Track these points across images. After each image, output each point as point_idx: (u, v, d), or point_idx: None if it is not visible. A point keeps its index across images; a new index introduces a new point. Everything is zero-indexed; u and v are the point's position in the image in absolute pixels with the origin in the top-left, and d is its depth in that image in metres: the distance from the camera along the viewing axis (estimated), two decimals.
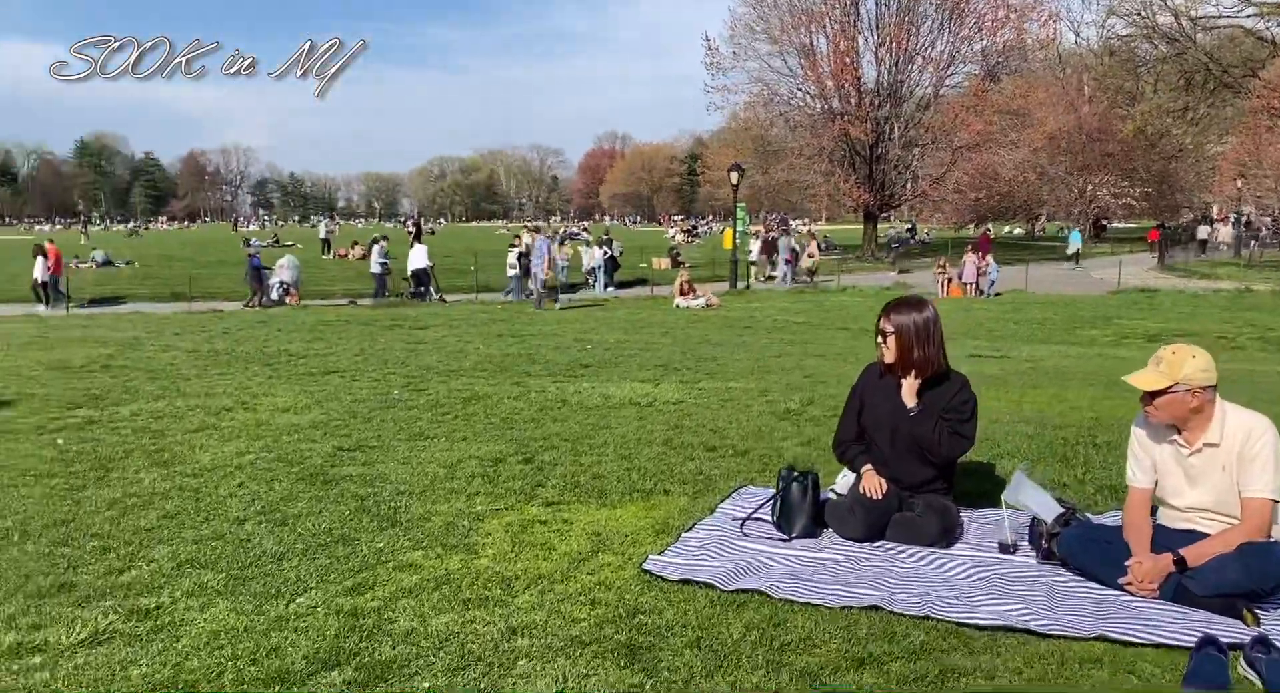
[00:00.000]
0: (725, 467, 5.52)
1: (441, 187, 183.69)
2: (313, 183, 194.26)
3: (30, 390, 8.21)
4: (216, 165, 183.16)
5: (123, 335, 13.47)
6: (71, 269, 34.90)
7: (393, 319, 17.57)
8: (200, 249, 48.63)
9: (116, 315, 20.25)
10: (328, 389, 8.33)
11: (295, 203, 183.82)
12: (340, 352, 11.44)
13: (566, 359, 10.82)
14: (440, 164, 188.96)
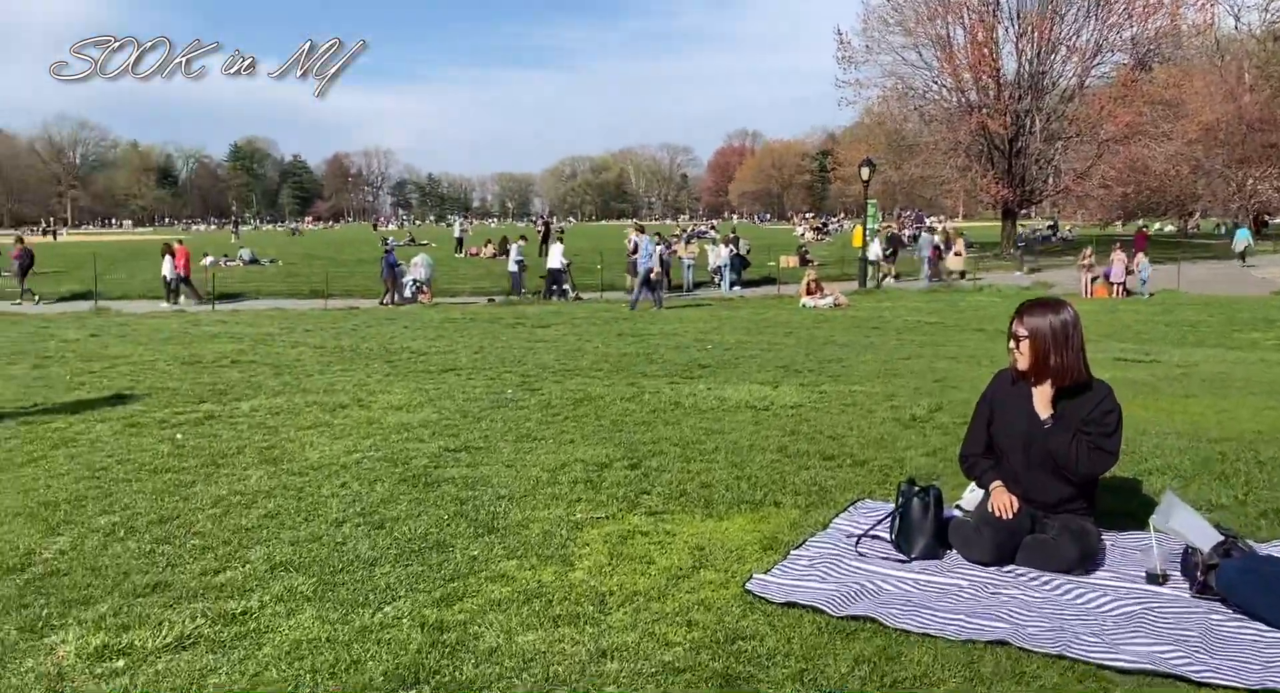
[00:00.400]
0: (842, 478, 5.18)
1: (572, 186, 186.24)
2: (449, 183, 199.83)
3: (162, 385, 8.47)
4: (359, 167, 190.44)
5: (257, 331, 13.90)
6: (220, 266, 36.78)
7: (516, 317, 17.69)
8: (341, 248, 50.41)
9: (255, 311, 21.03)
10: (443, 388, 8.32)
11: (432, 203, 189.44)
12: (461, 350, 11.49)
13: (685, 360, 10.59)
14: (571, 164, 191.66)
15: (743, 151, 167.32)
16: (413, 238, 59.77)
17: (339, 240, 65.81)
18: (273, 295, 27.00)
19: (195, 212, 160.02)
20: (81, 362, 10.04)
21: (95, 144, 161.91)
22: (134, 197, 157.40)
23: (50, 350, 11.04)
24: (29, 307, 22.98)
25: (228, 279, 30.72)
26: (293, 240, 68.87)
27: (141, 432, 6.37)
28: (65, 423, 6.59)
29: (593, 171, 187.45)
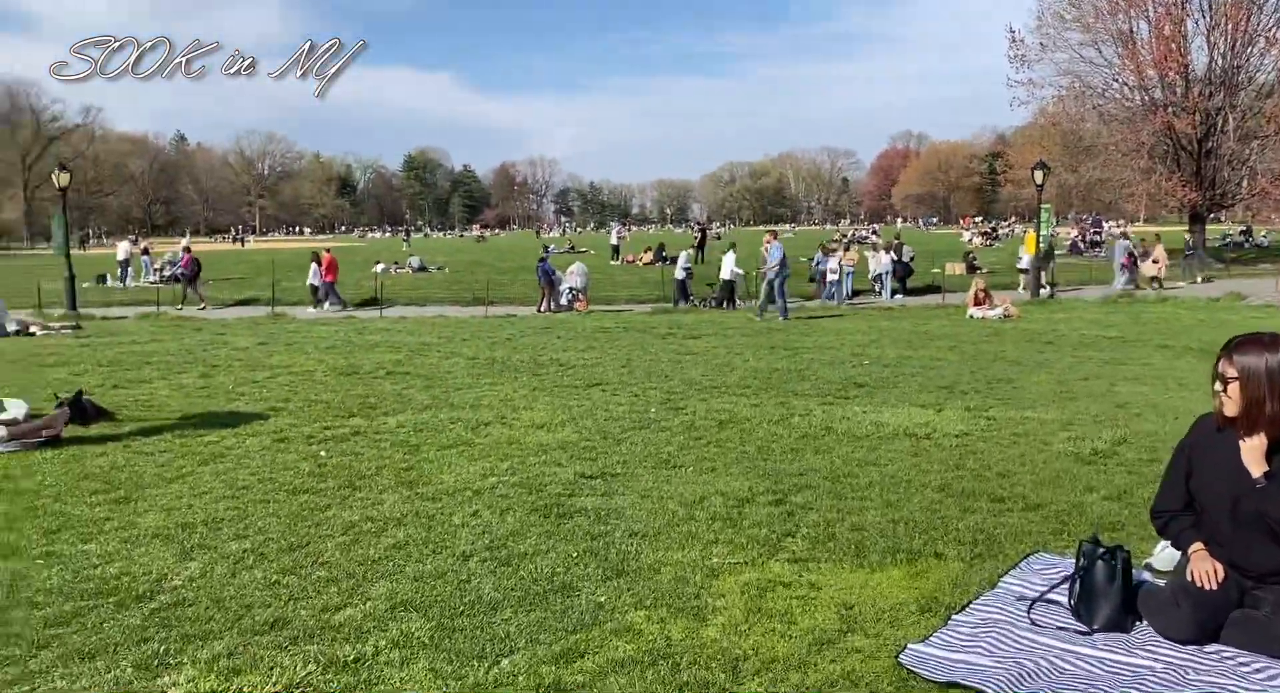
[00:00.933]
0: (1012, 524, 4.66)
1: (730, 191, 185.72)
2: (609, 191, 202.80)
3: (317, 396, 8.61)
4: (525, 176, 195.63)
5: (416, 340, 14.15)
6: (391, 273, 38.20)
7: (669, 327, 17.47)
8: (504, 255, 51.61)
9: (420, 318, 21.55)
10: (586, 405, 8.13)
11: (593, 210, 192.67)
12: (608, 362, 11.32)
13: (839, 377, 10.08)
14: (730, 169, 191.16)
15: (907, 154, 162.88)
16: (572, 245, 60.67)
17: (503, 247, 67.52)
18: (438, 302, 27.69)
19: (371, 219, 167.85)
20: (246, 371, 10.38)
21: (282, 156, 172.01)
22: (316, 205, 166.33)
23: (219, 359, 11.49)
24: (196, 311, 24.33)
25: (396, 286, 31.83)
26: (462, 247, 71.07)
27: (288, 447, 6.42)
28: (218, 437, 6.72)
29: (751, 176, 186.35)
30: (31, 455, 6.14)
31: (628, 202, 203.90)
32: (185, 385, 9.25)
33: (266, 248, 77.59)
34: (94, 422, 7.10)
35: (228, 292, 29.33)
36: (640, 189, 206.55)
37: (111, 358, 11.50)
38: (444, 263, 43.74)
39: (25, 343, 13.73)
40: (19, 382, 9.57)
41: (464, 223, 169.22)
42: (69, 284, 23.56)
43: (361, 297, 27.18)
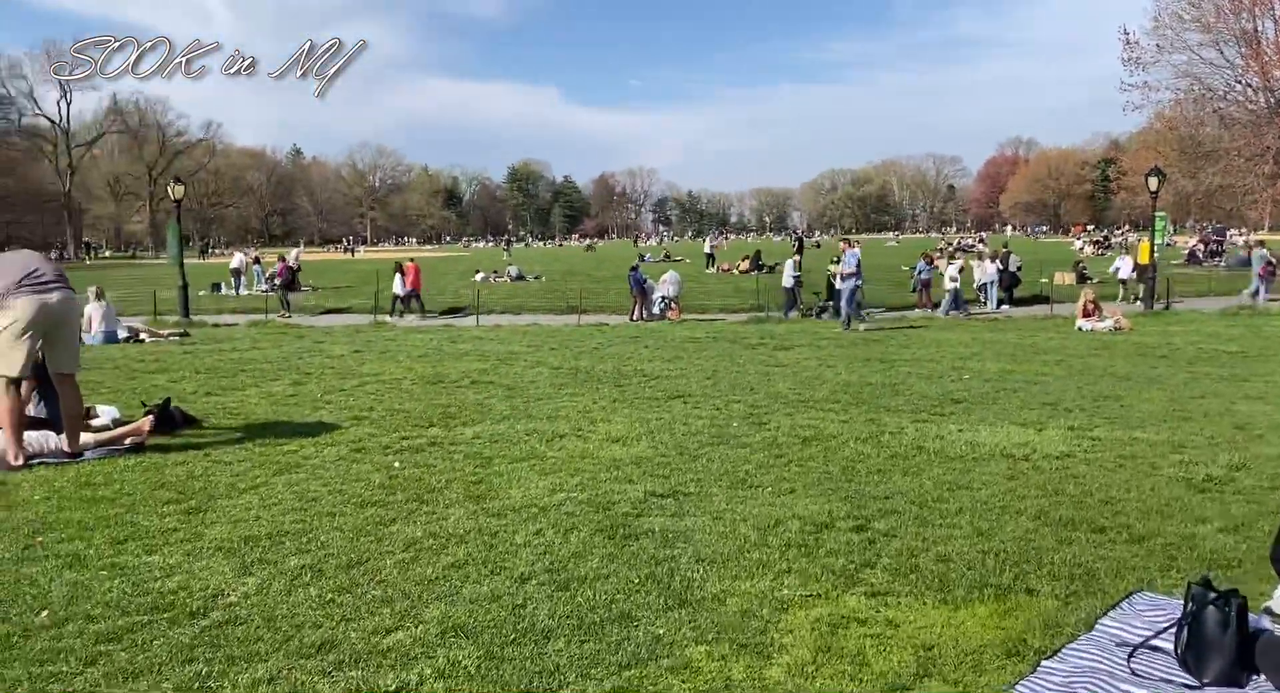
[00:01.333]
0: (1114, 557, 4.28)
1: (832, 199, 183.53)
2: (708, 200, 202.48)
3: (399, 405, 8.61)
4: (624, 186, 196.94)
5: (505, 349, 14.16)
6: (490, 283, 38.70)
7: (760, 336, 17.15)
8: (599, 264, 51.83)
9: (513, 327, 21.68)
10: (665, 418, 7.92)
11: (691, 219, 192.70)
12: (693, 373, 11.10)
13: (936, 392, 9.65)
14: (831, 177, 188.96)
15: (1015, 161, 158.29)
16: (668, 254, 60.65)
17: (602, 256, 67.85)
18: (533, 311, 27.86)
19: (476, 230, 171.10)
20: (336, 379, 10.48)
21: (392, 169, 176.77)
22: (424, 216, 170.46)
23: (313, 366, 11.66)
24: (291, 318, 24.98)
25: (493, 294, 32.19)
26: (560, 256, 71.74)
27: (363, 458, 6.38)
28: (298, 446, 6.73)
29: (853, 184, 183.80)
30: (115, 462, 6.23)
31: (726, 210, 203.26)
32: (275, 393, 9.38)
33: (375, 258, 79.66)
34: (180, 429, 7.21)
35: (334, 299, 30.10)
36: (739, 198, 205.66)
37: (210, 365, 11.79)
38: (540, 272, 44.14)
39: (132, 349, 14.22)
40: (120, 387, 9.86)
41: (564, 233, 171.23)
42: (182, 292, 24.46)
43: (458, 304, 27.55)
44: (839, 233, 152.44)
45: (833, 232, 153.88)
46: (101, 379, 10.43)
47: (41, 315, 6.24)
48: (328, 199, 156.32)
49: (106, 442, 6.53)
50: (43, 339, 6.34)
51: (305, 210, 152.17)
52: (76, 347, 6.66)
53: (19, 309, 6.19)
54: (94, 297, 15.40)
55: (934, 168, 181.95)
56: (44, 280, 6.35)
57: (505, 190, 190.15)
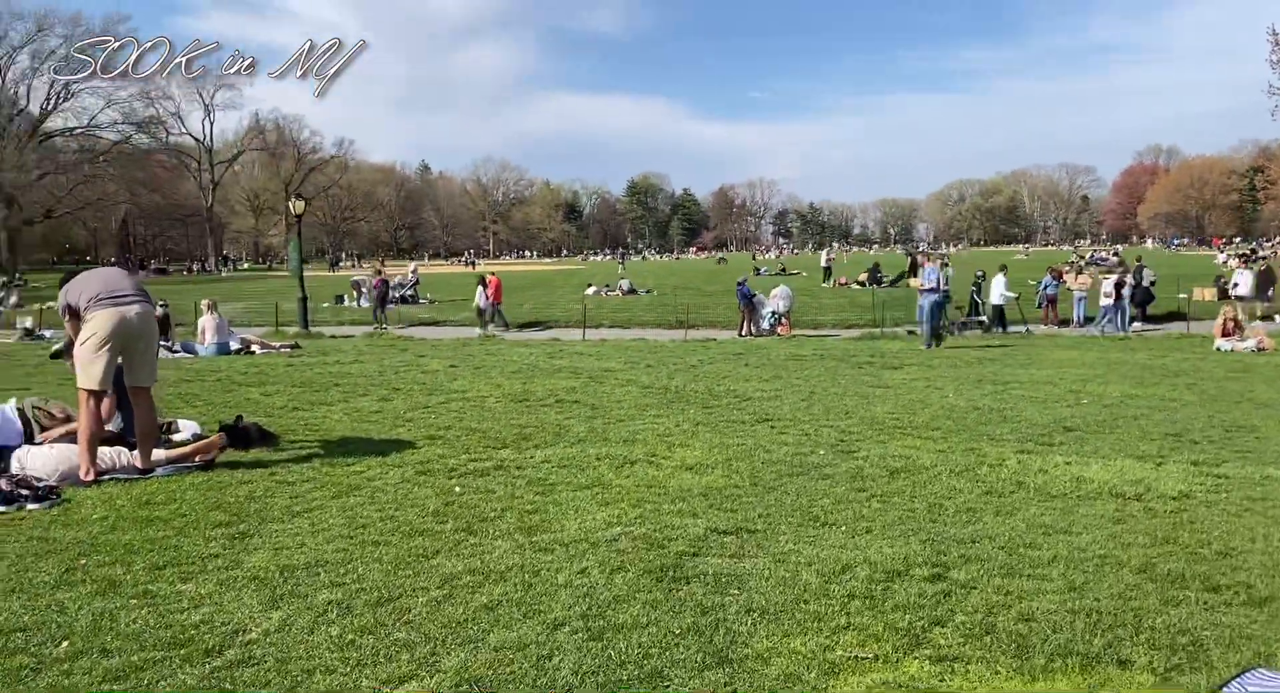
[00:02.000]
0: (1228, 624, 3.73)
1: (959, 211, 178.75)
2: (830, 211, 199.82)
3: (478, 424, 8.46)
4: (743, 198, 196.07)
5: (601, 365, 13.96)
6: (602, 296, 38.80)
7: (870, 354, 16.52)
8: (712, 278, 51.45)
9: (619, 341, 21.54)
10: (747, 443, 7.53)
11: (812, 231, 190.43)
12: (788, 394, 10.65)
13: (1047, 419, 8.98)
14: (959, 188, 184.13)
15: (1154, 170, 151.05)
16: (784, 268, 59.82)
17: (713, 270, 67.39)
18: (641, 324, 27.75)
19: (595, 243, 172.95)
20: (424, 395, 10.43)
21: (514, 183, 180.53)
22: (544, 230, 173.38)
23: (404, 382, 11.66)
24: (406, 331, 25.41)
25: (603, 308, 32.21)
26: (676, 269, 71.65)
27: (426, 482, 6.20)
28: (365, 467, 6.61)
29: (982, 195, 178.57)
30: (182, 480, 6.22)
31: (848, 222, 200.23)
32: (360, 409, 9.36)
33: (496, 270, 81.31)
34: (255, 446, 7.19)
35: (449, 312, 30.60)
36: (862, 209, 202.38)
37: (307, 378, 11.93)
38: (653, 285, 44.04)
39: (240, 361, 14.58)
40: (215, 400, 10.02)
41: (682, 246, 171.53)
42: (301, 304, 25.21)
43: (539, 318, 27.64)
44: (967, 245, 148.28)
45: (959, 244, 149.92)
46: (200, 391, 10.65)
47: (120, 329, 6.29)
48: (453, 213, 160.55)
49: (177, 458, 6.54)
50: (121, 353, 6.39)
51: (431, 224, 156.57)
52: (154, 361, 6.71)
53: (98, 322, 6.26)
54: (207, 309, 15.91)
55: (1067, 178, 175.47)
56: (123, 295, 6.42)
57: (624, 203, 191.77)
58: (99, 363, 6.22)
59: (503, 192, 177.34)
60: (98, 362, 6.22)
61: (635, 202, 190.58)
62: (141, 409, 6.46)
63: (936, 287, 19.00)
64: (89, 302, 6.34)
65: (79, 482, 6.07)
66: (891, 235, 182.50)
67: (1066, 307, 26.14)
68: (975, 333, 23.40)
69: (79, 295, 6.45)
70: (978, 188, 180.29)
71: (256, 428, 7.51)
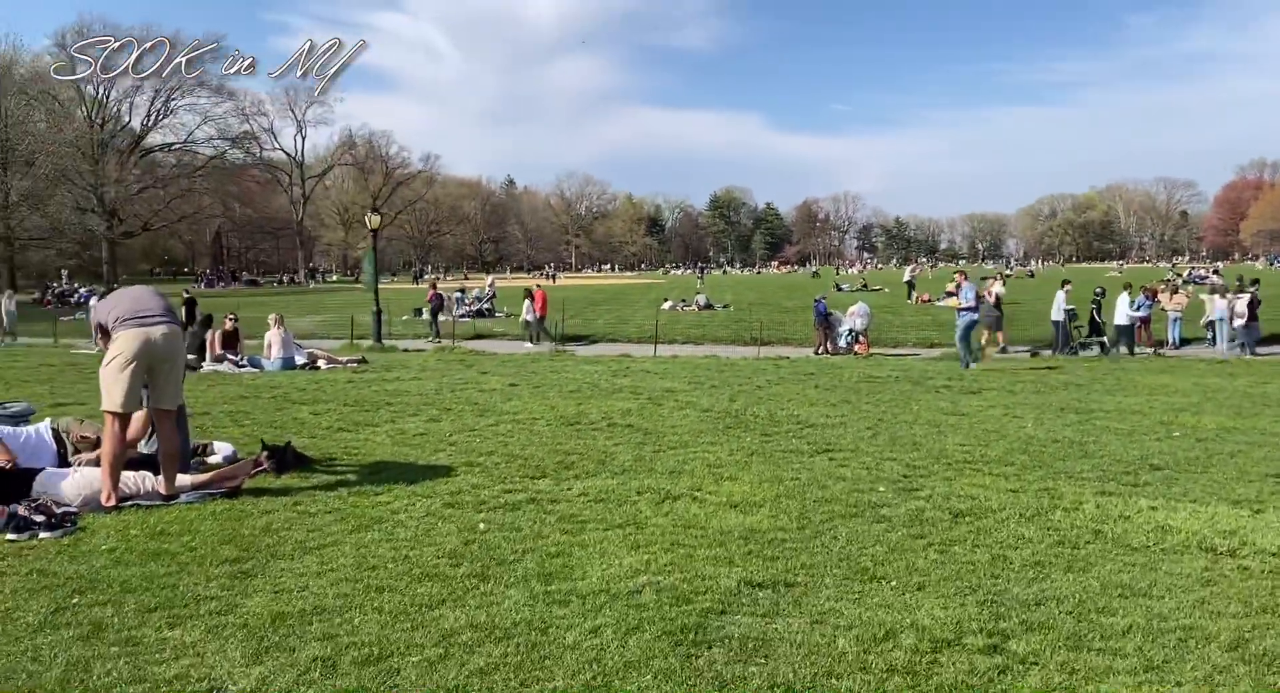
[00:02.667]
0: None
1: (1050, 226, 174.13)
2: (916, 226, 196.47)
3: (521, 451, 8.12)
4: (827, 212, 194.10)
5: (662, 386, 13.56)
6: (677, 311, 38.43)
7: (948, 377, 15.81)
8: (791, 293, 50.65)
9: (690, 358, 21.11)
10: (801, 478, 7.04)
11: (898, 246, 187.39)
12: (855, 421, 10.10)
13: (1133, 454, 8.29)
14: (1050, 202, 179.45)
15: (1259, 185, 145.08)
16: (865, 283, 58.67)
17: (791, 284, 66.43)
18: (715, 341, 27.33)
19: (676, 257, 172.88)
20: (474, 416, 10.16)
21: (597, 197, 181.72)
22: (626, 243, 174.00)
23: (458, 401, 11.40)
24: (475, 345, 25.47)
25: (678, 324, 31.82)
26: (756, 284, 70.89)
27: (452, 516, 5.86)
28: (392, 497, 6.31)
29: (1074, 210, 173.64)
30: (204, 508, 6.00)
31: (935, 236, 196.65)
32: (406, 431, 9.11)
33: (575, 283, 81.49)
34: (290, 470, 6.98)
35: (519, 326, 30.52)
36: (950, 224, 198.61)
37: (361, 397, 11.78)
38: (730, 301, 43.51)
39: (302, 377, 14.53)
40: (264, 419, 9.89)
41: (764, 260, 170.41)
42: (375, 318, 25.38)
43: (584, 332, 27.33)
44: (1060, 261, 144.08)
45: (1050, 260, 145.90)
46: (251, 409, 10.55)
47: (145, 349, 6.13)
48: (536, 227, 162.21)
49: (203, 484, 6.34)
50: (146, 374, 6.22)
51: (515, 238, 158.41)
52: (179, 383, 6.52)
53: (122, 342, 6.11)
54: (273, 324, 15.98)
55: (1164, 193, 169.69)
56: (149, 315, 6.26)
57: (707, 217, 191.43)
58: (121, 384, 6.05)
59: (585, 206, 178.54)
60: (120, 383, 6.06)
61: (717, 215, 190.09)
62: (165, 432, 6.28)
63: (975, 306, 18.40)
64: (116, 321, 6.20)
65: (100, 508, 5.91)
66: (980, 250, 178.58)
67: (1160, 327, 24.88)
68: (1093, 353, 22.42)
69: (107, 314, 6.31)
70: (1070, 202, 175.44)
71: (292, 451, 7.30)
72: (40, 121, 71.68)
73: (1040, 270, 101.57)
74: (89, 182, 72.48)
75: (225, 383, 13.68)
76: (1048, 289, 42.26)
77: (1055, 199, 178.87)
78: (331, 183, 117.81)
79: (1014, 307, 35.41)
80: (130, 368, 6.08)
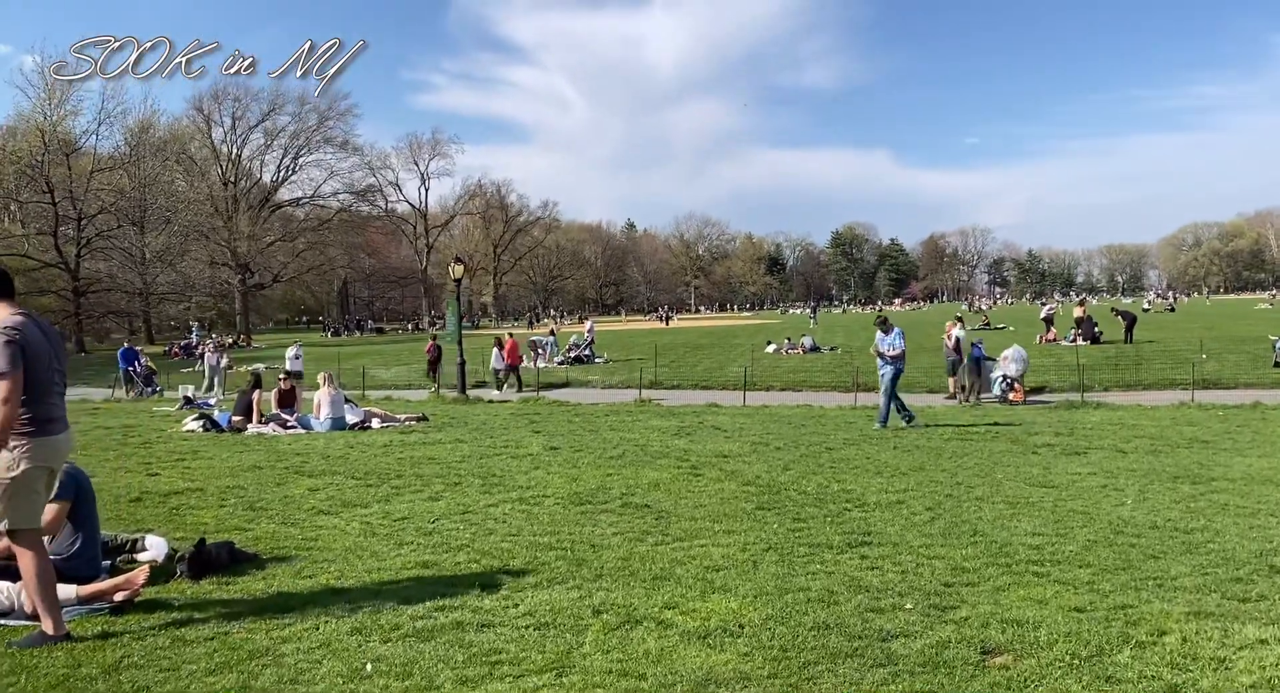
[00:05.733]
0: None
1: (1194, 256, 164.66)
2: (1050, 259, 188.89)
3: (496, 544, 6.97)
4: (955, 247, 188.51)
5: (715, 449, 12.28)
6: (782, 354, 36.90)
7: (1057, 431, 14.03)
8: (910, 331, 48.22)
9: (782, 407, 19.76)
10: (813, 588, 5.69)
11: (1032, 279, 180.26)
12: (914, 498, 8.63)
13: (1251, 548, 6.64)
14: (1194, 231, 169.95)
15: None
16: (987, 321, 55.62)
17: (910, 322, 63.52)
18: (815, 387, 25.80)
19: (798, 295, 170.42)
20: (479, 492, 9.05)
21: (716, 238, 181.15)
22: (746, 283, 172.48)
23: (475, 472, 10.25)
24: (499, 394, 24.67)
25: (778, 369, 30.38)
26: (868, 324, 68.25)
27: (347, 649, 4.74)
28: (297, 617, 5.21)
29: (1220, 239, 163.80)
30: (85, 624, 5.11)
31: (1071, 269, 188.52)
32: (390, 514, 8.11)
33: (687, 325, 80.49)
34: (212, 574, 6.06)
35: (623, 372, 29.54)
36: (1086, 256, 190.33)
37: (376, 467, 10.88)
38: (840, 342, 41.67)
39: (342, 440, 13.72)
40: (258, 496, 9.07)
41: (889, 297, 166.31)
42: (459, 370, 24.91)
43: (728, 382, 25.97)
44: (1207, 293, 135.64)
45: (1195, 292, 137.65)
46: (248, 484, 9.75)
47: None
48: (655, 269, 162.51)
49: (89, 597, 5.43)
50: None
51: (635, 280, 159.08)
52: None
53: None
54: (323, 382, 15.41)
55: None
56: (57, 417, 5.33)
57: (829, 255, 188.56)
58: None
59: (705, 246, 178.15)
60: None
61: (839, 253, 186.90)
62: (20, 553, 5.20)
63: (902, 353, 15.71)
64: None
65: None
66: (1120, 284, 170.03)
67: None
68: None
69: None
70: (1216, 231, 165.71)
71: (228, 550, 6.39)
72: (177, 181, 75.55)
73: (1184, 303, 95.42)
74: (223, 236, 75.80)
75: (255, 448, 13.06)
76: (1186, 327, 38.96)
77: (1199, 228, 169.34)
78: (456, 231, 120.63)
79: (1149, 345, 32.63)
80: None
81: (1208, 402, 18.71)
